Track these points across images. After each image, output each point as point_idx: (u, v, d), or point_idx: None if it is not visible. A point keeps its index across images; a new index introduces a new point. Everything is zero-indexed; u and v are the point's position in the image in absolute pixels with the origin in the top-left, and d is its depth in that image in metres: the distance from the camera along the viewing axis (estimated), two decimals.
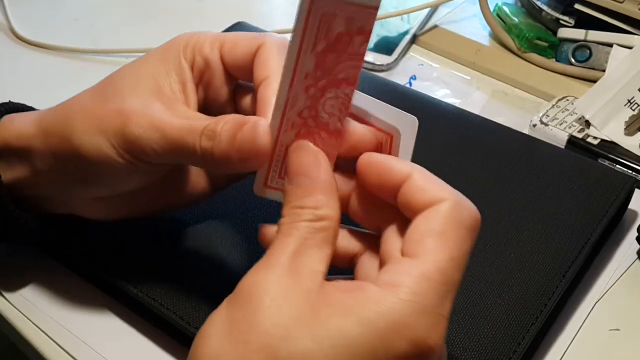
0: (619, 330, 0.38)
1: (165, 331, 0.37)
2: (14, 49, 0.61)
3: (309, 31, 0.26)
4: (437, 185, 0.27)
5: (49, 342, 0.37)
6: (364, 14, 0.26)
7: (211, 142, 0.29)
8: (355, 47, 0.27)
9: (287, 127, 0.29)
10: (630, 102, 0.50)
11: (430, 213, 0.26)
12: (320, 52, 0.27)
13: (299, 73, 0.27)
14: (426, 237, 0.25)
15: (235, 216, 0.40)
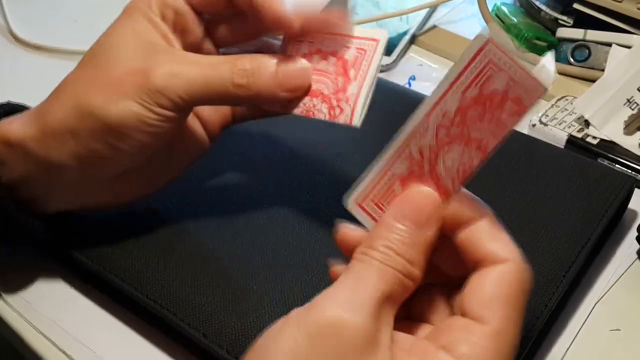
0: (619, 330, 0.38)
1: (165, 333, 0.37)
2: (13, 51, 0.61)
3: (469, 71, 0.25)
4: (503, 239, 0.26)
5: (47, 344, 0.37)
6: (529, 84, 0.24)
7: (247, 79, 0.32)
8: (504, 115, 0.25)
9: (405, 156, 0.27)
10: (630, 102, 0.50)
11: (497, 274, 0.25)
12: (469, 98, 0.25)
13: (441, 106, 0.25)
14: (494, 302, 0.25)
15: (236, 216, 0.40)
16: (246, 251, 0.38)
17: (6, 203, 0.34)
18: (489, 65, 0.24)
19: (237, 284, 0.36)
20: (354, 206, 0.28)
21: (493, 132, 0.25)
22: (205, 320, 0.35)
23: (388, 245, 0.25)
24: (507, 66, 0.24)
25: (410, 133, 0.26)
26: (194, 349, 0.36)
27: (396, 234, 0.26)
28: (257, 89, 0.32)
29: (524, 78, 0.24)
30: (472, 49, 0.24)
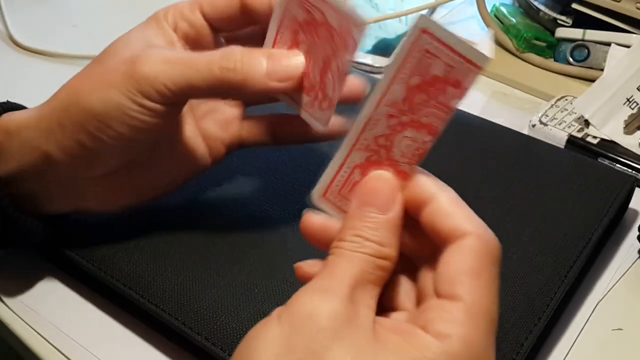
0: (621, 329, 0.38)
1: (167, 337, 0.37)
2: (13, 56, 0.61)
3: (409, 61, 0.26)
4: (464, 214, 0.26)
5: (48, 347, 0.37)
6: (465, 67, 0.25)
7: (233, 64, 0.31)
8: (446, 98, 0.26)
9: (361, 146, 0.28)
10: (629, 101, 0.50)
11: (460, 249, 0.25)
12: (413, 87, 0.26)
13: (387, 97, 0.27)
14: (462, 277, 0.25)
15: (237, 219, 0.40)
16: (247, 254, 0.38)
17: (5, 202, 0.34)
18: (426, 54, 0.25)
19: (239, 287, 0.36)
20: (318, 199, 0.30)
21: (439, 115, 0.26)
22: (207, 323, 0.35)
23: (356, 233, 0.26)
24: (443, 53, 0.25)
25: (362, 125, 0.28)
26: (196, 352, 0.36)
27: (361, 221, 0.27)
28: (244, 74, 0.31)
29: (459, 62, 0.25)
30: (408, 41, 0.25)
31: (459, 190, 0.27)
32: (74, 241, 0.39)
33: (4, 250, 0.39)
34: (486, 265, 0.25)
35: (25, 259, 0.41)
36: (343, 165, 0.29)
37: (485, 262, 0.25)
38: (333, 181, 0.29)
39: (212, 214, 0.41)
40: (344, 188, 0.29)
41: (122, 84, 0.31)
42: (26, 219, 0.36)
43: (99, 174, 0.35)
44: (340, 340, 0.24)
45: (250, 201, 0.41)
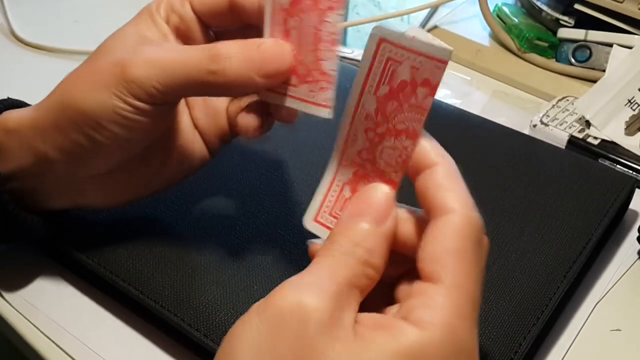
0: (620, 330, 0.38)
1: (166, 333, 0.37)
2: (14, 51, 0.61)
3: (373, 72, 0.26)
4: (455, 189, 0.26)
5: (48, 344, 0.37)
6: (430, 65, 0.25)
7: (222, 64, 0.30)
8: (419, 99, 0.26)
9: (346, 164, 0.28)
10: (631, 102, 0.50)
11: (444, 227, 0.25)
12: (382, 97, 0.26)
13: (360, 112, 0.27)
14: (444, 257, 0.25)
15: (237, 215, 0.40)
16: (247, 250, 0.38)
17: (5, 198, 0.35)
18: (389, 62, 0.25)
19: (238, 284, 0.37)
20: (310, 224, 0.30)
21: (415, 118, 0.26)
22: (205, 319, 0.35)
23: (348, 240, 0.26)
24: (405, 57, 0.25)
25: (342, 144, 0.28)
26: (194, 349, 0.36)
27: (354, 230, 0.26)
28: (232, 75, 0.31)
29: (423, 62, 0.25)
30: (369, 52, 0.25)
31: None
32: (74, 237, 0.39)
33: (5, 245, 0.39)
34: (469, 246, 0.25)
35: (25, 255, 0.41)
36: (332, 185, 0.29)
37: (468, 243, 0.25)
38: (323, 203, 0.29)
39: (211, 210, 0.41)
40: (335, 207, 0.29)
41: (113, 85, 0.31)
42: (26, 215, 0.36)
43: (97, 172, 0.35)
44: (325, 342, 0.23)
45: (250, 198, 0.41)
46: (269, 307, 0.24)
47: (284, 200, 0.41)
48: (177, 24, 0.34)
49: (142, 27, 0.34)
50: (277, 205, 0.41)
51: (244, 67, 0.31)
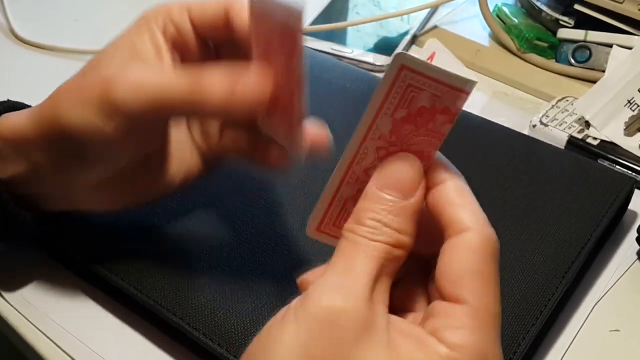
0: (618, 331, 0.38)
1: (166, 332, 0.37)
2: (14, 50, 0.61)
3: (391, 96, 0.25)
4: (467, 205, 0.26)
5: (48, 343, 0.37)
6: (451, 95, 0.25)
7: (198, 96, 0.30)
8: (436, 125, 0.26)
9: (350, 179, 0.28)
10: (630, 103, 0.50)
11: (461, 246, 0.25)
12: (399, 120, 0.26)
13: (374, 131, 0.26)
14: (465, 278, 0.25)
15: (236, 216, 0.40)
16: (246, 251, 0.38)
17: (4, 197, 0.35)
18: (409, 88, 0.25)
19: (237, 284, 0.37)
20: (313, 233, 0.29)
21: (430, 142, 0.26)
22: (204, 319, 0.35)
23: (375, 217, 0.25)
24: (427, 85, 0.25)
25: (350, 159, 0.27)
26: (193, 348, 0.36)
27: (382, 204, 0.26)
28: (209, 107, 0.30)
29: (445, 91, 0.25)
30: (389, 77, 0.25)
31: None
32: (74, 237, 0.39)
33: (4, 244, 0.39)
34: (488, 265, 0.25)
35: (25, 254, 0.41)
36: (334, 199, 0.28)
37: (486, 260, 0.25)
38: (326, 215, 0.29)
39: (211, 210, 0.41)
40: (339, 219, 0.29)
41: (96, 103, 0.31)
42: (26, 214, 0.36)
43: (90, 183, 0.35)
44: (360, 349, 0.23)
45: (250, 198, 0.41)
46: (305, 312, 0.24)
47: (283, 200, 0.41)
48: (174, 36, 0.34)
49: (136, 40, 0.33)
50: (277, 205, 0.41)
51: (221, 98, 0.30)
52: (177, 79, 0.31)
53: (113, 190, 0.35)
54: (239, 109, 0.30)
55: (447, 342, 0.24)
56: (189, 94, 0.30)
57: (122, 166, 0.34)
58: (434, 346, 0.24)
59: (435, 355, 0.23)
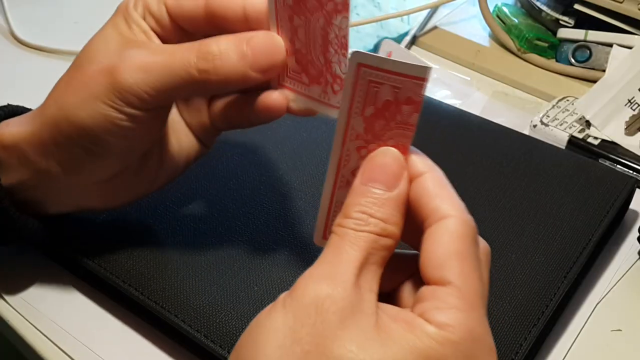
0: (620, 330, 0.38)
1: (167, 334, 0.37)
2: (14, 52, 0.61)
3: (357, 95, 0.26)
4: (446, 195, 0.26)
5: (50, 345, 0.37)
6: (410, 84, 0.26)
7: (212, 63, 0.30)
8: (404, 116, 0.26)
9: (342, 184, 0.28)
10: (631, 102, 0.50)
11: (443, 232, 0.26)
12: (369, 117, 0.27)
13: (350, 132, 0.27)
14: (449, 261, 0.25)
15: (237, 217, 0.40)
16: (247, 251, 0.38)
17: (5, 204, 0.35)
18: (371, 84, 0.26)
19: (239, 285, 0.37)
20: (321, 242, 0.30)
21: (403, 134, 0.27)
22: (206, 321, 0.35)
23: (361, 209, 0.26)
24: (386, 79, 0.26)
25: (336, 165, 0.28)
26: (195, 350, 0.36)
27: (367, 197, 0.26)
28: (225, 72, 0.30)
29: (404, 82, 0.26)
30: (349, 78, 0.26)
31: (459, 189, 0.27)
32: (75, 239, 0.39)
33: (5, 247, 0.39)
34: (470, 247, 0.26)
35: (26, 256, 0.41)
36: (331, 206, 0.29)
37: (467, 243, 0.26)
38: (328, 222, 0.29)
39: (212, 211, 0.41)
40: None
41: (104, 95, 0.31)
42: (27, 219, 0.36)
43: (97, 180, 0.35)
44: (346, 331, 0.24)
45: (250, 198, 0.41)
46: (293, 300, 0.25)
47: (284, 200, 0.41)
48: (153, 26, 0.33)
49: (122, 28, 0.33)
50: (278, 206, 0.41)
51: (235, 63, 0.30)
52: (183, 52, 0.30)
53: (119, 185, 0.35)
54: (253, 72, 0.30)
55: (435, 322, 0.24)
56: (200, 64, 0.30)
57: (132, 158, 0.34)
58: (423, 326, 0.24)
59: (423, 335, 0.24)
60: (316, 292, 0.24)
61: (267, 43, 0.30)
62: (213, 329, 0.35)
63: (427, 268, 0.25)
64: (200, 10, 0.32)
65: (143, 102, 0.31)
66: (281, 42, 0.30)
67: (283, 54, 0.30)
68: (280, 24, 0.30)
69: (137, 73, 0.30)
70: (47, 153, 0.33)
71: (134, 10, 0.33)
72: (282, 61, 0.31)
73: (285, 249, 0.38)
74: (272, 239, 0.39)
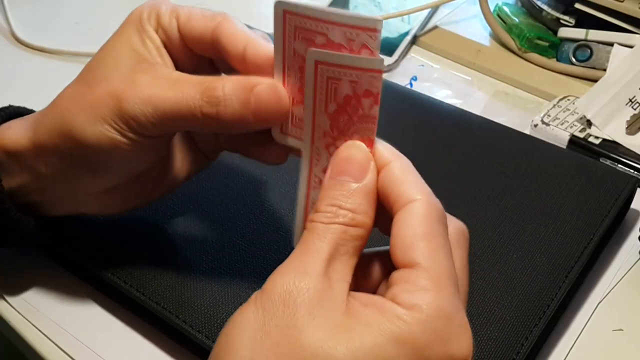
0: (622, 330, 0.38)
1: (168, 335, 0.37)
2: (15, 53, 0.61)
3: (318, 92, 0.27)
4: (412, 181, 0.27)
5: (50, 346, 0.37)
6: (367, 77, 0.26)
7: (215, 108, 0.30)
8: (365, 110, 0.27)
9: (315, 184, 0.29)
10: (632, 101, 0.50)
11: (409, 215, 0.26)
12: (333, 113, 0.27)
13: (317, 130, 0.28)
14: (416, 243, 0.25)
15: (238, 218, 0.40)
16: (249, 252, 0.38)
17: (6, 204, 0.35)
18: (329, 81, 0.27)
19: (240, 286, 0.37)
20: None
21: (367, 127, 0.27)
22: (207, 321, 0.35)
23: (330, 202, 0.27)
24: (342, 74, 0.26)
25: (308, 164, 0.29)
26: (195, 350, 0.36)
27: (336, 190, 0.27)
28: (226, 118, 0.30)
29: (359, 75, 0.26)
30: (309, 76, 0.26)
31: (459, 189, 0.27)
32: (76, 240, 0.39)
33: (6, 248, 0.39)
34: (436, 228, 0.26)
35: (26, 256, 0.41)
36: (307, 206, 0.29)
37: (434, 225, 0.26)
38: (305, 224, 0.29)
39: (213, 212, 0.41)
40: None
41: (110, 118, 0.31)
42: (28, 221, 0.36)
43: (97, 191, 0.35)
44: (314, 320, 0.24)
45: (251, 199, 0.41)
46: (263, 295, 0.25)
47: (285, 201, 0.41)
48: (164, 40, 0.33)
49: (135, 42, 0.33)
50: (279, 207, 0.41)
51: (238, 110, 0.30)
52: (190, 91, 0.30)
53: (119, 195, 0.36)
54: (254, 121, 0.30)
55: (405, 304, 0.24)
56: (204, 108, 0.30)
57: (132, 175, 0.34)
58: (392, 308, 0.24)
59: (393, 317, 0.24)
60: (284, 285, 0.25)
61: (271, 94, 0.30)
62: (214, 330, 0.35)
63: (395, 251, 0.26)
64: (208, 34, 0.32)
65: (147, 130, 0.31)
66: (285, 95, 0.30)
67: (286, 106, 0.30)
68: (289, 73, 0.30)
69: (143, 104, 0.31)
70: (48, 163, 0.33)
71: (148, 23, 0.33)
72: (285, 113, 0.30)
73: (286, 249, 0.38)
74: (273, 239, 0.39)
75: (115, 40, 0.34)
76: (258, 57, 0.31)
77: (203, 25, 0.33)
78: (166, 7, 0.34)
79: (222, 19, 0.32)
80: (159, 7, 0.34)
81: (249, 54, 0.31)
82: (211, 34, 0.32)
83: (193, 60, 0.34)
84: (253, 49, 0.31)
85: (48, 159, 0.33)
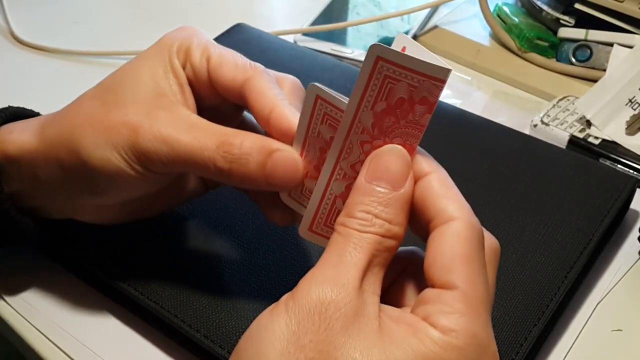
0: (621, 330, 0.38)
1: (167, 334, 0.37)
2: (14, 52, 0.61)
3: (370, 89, 0.26)
4: (452, 196, 0.26)
5: (48, 345, 0.37)
6: (428, 84, 0.25)
7: (229, 164, 0.30)
8: (416, 116, 0.26)
9: (338, 176, 0.28)
10: (632, 102, 0.50)
11: (449, 234, 0.25)
12: (379, 112, 0.26)
13: (357, 126, 0.27)
14: (455, 264, 0.25)
15: (237, 218, 0.40)
16: (247, 251, 0.38)
17: (6, 205, 0.34)
18: (387, 79, 0.25)
19: (238, 285, 0.36)
20: (305, 233, 0.30)
21: (412, 134, 0.26)
22: (206, 321, 0.35)
23: (365, 209, 0.26)
24: (403, 76, 0.25)
25: (336, 156, 0.28)
26: (195, 350, 0.36)
27: (372, 196, 0.26)
28: (239, 175, 0.30)
29: (421, 81, 0.25)
30: (366, 69, 0.25)
31: (459, 189, 0.27)
32: (75, 240, 0.39)
33: (5, 248, 0.39)
34: (476, 251, 0.25)
35: (26, 256, 0.41)
36: (323, 198, 0.29)
37: (474, 247, 0.25)
38: (317, 214, 0.29)
39: (211, 210, 0.41)
40: (329, 218, 0.29)
41: (122, 148, 0.31)
42: (29, 222, 0.36)
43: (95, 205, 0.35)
44: (349, 337, 0.23)
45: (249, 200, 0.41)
46: (296, 304, 0.24)
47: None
48: (190, 77, 0.33)
49: (159, 74, 0.32)
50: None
51: (252, 170, 0.30)
52: (207, 141, 0.30)
53: (116, 210, 0.36)
54: (265, 184, 0.30)
55: (440, 327, 0.24)
56: (218, 162, 0.30)
57: (130, 199, 0.34)
58: (427, 330, 0.24)
59: (427, 339, 0.24)
60: (319, 296, 0.24)
61: (289, 163, 0.30)
62: (212, 329, 0.35)
63: (432, 271, 0.25)
64: (237, 86, 0.32)
65: (155, 167, 0.31)
66: (302, 167, 0.30)
67: (300, 178, 0.30)
68: (308, 149, 0.29)
69: (159, 142, 0.30)
70: (50, 173, 0.33)
71: (176, 57, 0.33)
72: (297, 185, 0.30)
73: (285, 248, 0.38)
74: (272, 238, 0.39)
75: (139, 66, 0.33)
76: (281, 126, 0.30)
77: (234, 75, 0.32)
78: (198, 42, 0.33)
79: (253, 73, 0.32)
80: (191, 42, 0.33)
81: (274, 120, 0.30)
82: (240, 87, 0.32)
83: (217, 99, 0.33)
84: (278, 115, 0.30)
85: (49, 168, 0.33)
